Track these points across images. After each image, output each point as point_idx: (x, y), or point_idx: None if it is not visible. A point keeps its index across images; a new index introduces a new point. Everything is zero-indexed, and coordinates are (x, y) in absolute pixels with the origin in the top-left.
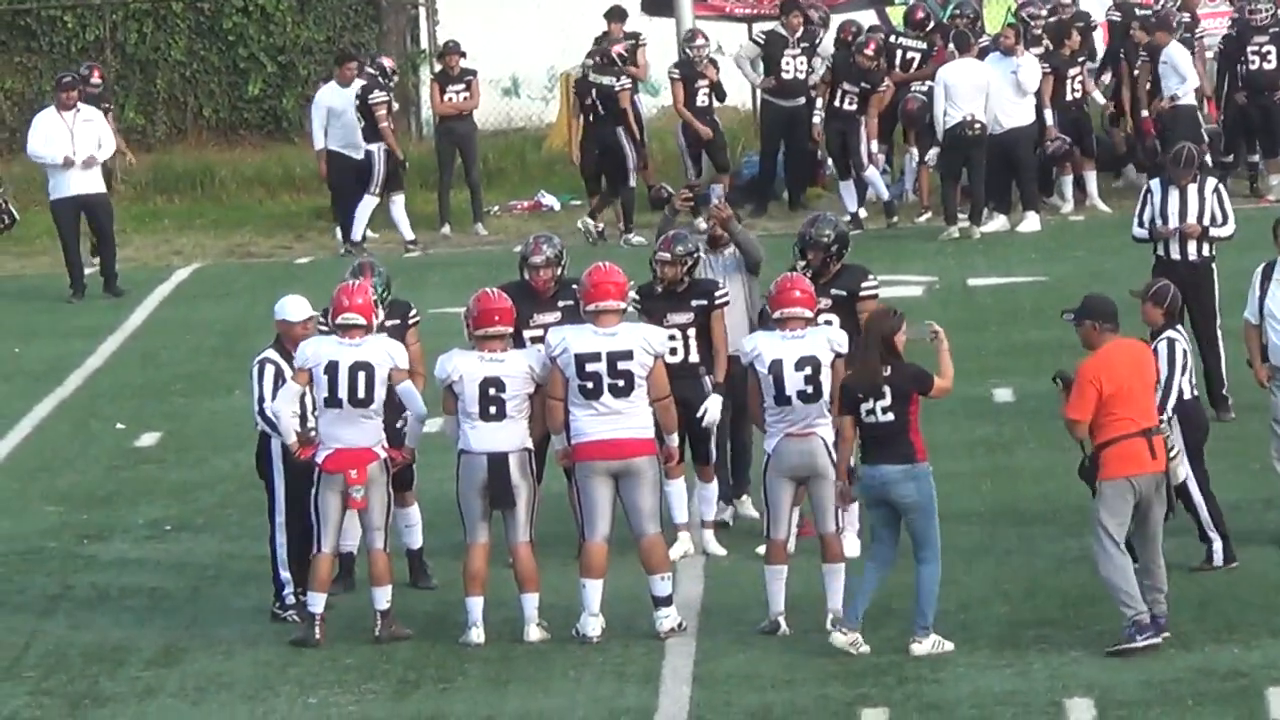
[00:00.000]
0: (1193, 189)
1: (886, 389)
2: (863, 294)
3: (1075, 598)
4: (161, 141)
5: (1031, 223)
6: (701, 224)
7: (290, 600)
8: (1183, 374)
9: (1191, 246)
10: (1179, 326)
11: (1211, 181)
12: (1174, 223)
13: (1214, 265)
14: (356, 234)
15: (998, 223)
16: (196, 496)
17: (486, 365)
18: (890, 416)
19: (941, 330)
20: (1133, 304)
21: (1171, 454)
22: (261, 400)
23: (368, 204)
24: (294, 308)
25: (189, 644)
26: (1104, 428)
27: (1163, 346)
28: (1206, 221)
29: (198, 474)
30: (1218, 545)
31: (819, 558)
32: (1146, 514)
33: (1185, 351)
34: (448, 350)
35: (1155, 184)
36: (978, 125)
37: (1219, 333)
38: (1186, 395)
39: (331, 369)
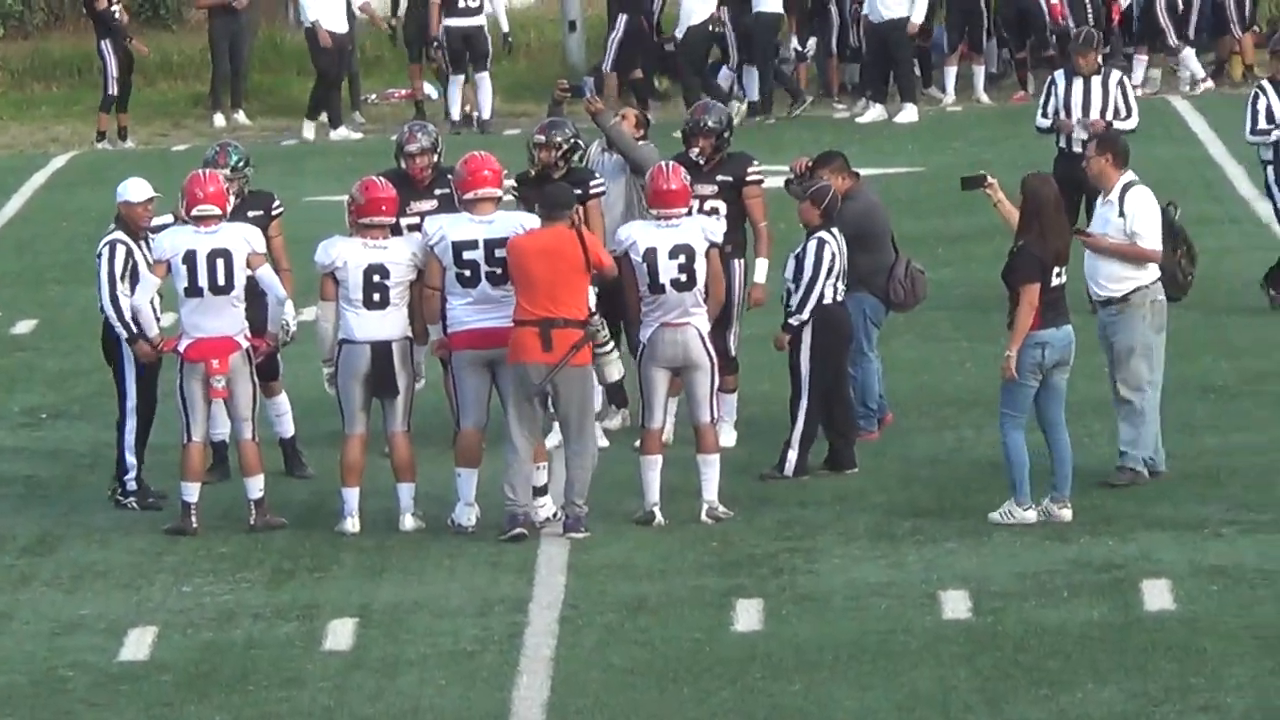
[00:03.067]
0: (1096, 80)
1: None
2: (749, 179)
3: (951, 489)
4: (39, 28)
5: (909, 114)
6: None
7: (131, 486)
8: (828, 277)
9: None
10: (834, 229)
11: (1116, 74)
12: (1077, 114)
13: None
14: (456, 113)
15: (874, 112)
16: (73, 384)
17: (371, 252)
18: (1065, 278)
19: None
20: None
21: (604, 349)
22: (112, 280)
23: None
24: (135, 189)
25: (64, 532)
26: (514, 311)
27: (812, 245)
28: (1110, 116)
29: (73, 362)
30: (792, 455)
31: (694, 448)
32: (555, 401)
33: (834, 255)
34: (325, 237)
35: (1059, 75)
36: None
37: None
38: (828, 299)
39: (190, 258)
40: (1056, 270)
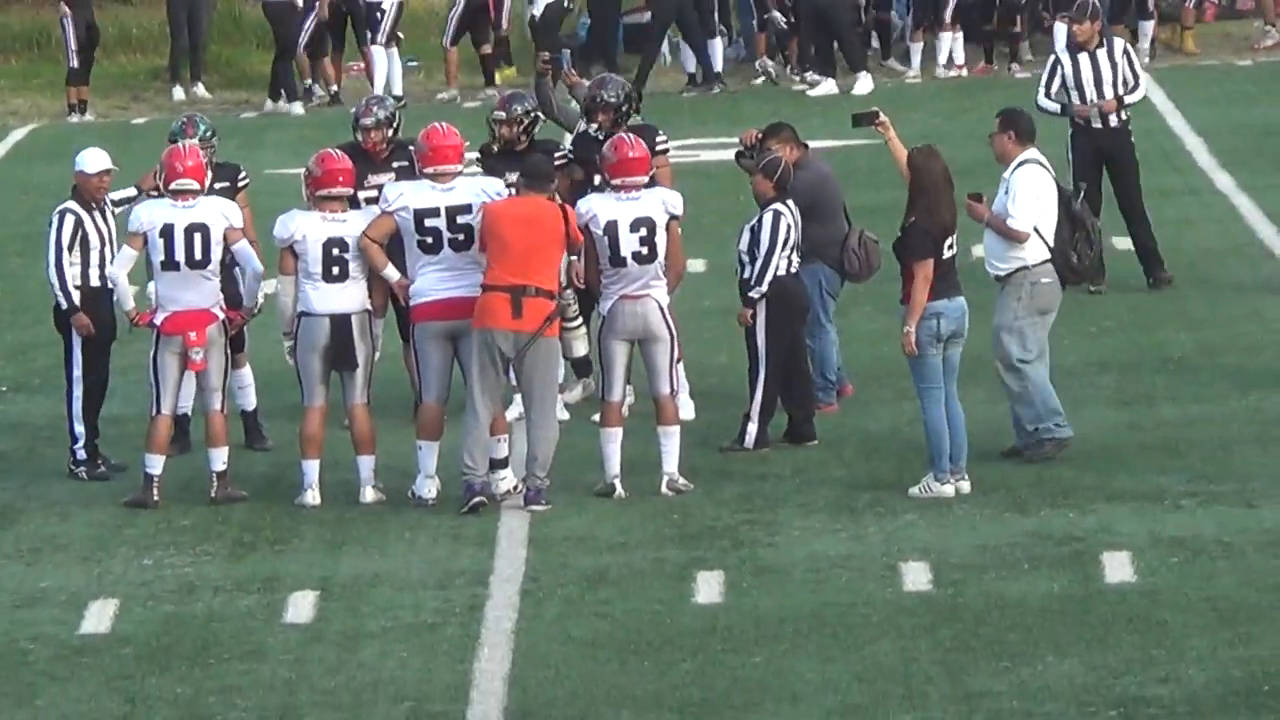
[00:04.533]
0: (1102, 54)
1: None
2: (657, 150)
3: (911, 461)
4: None
5: (864, 84)
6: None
7: (81, 455)
8: (783, 249)
9: (1112, 115)
10: (789, 202)
11: (1119, 43)
12: (1090, 92)
13: (1131, 129)
14: (397, 88)
15: (826, 86)
16: (33, 357)
17: (329, 225)
18: (955, 250)
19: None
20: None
21: (572, 324)
22: (59, 248)
23: (380, 56)
24: (91, 160)
25: (25, 505)
26: (485, 276)
27: (767, 218)
28: (1121, 90)
29: (34, 335)
30: (752, 428)
31: (654, 420)
32: (519, 372)
33: (789, 227)
34: (285, 211)
35: (1063, 52)
36: None
37: (1142, 196)
38: (783, 271)
39: (167, 232)
40: (948, 243)
